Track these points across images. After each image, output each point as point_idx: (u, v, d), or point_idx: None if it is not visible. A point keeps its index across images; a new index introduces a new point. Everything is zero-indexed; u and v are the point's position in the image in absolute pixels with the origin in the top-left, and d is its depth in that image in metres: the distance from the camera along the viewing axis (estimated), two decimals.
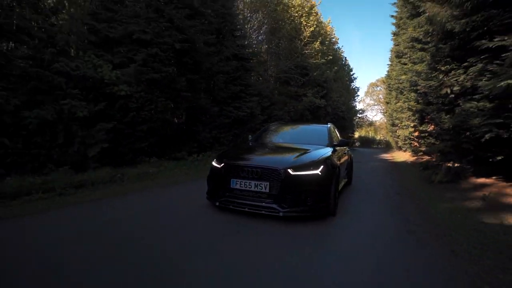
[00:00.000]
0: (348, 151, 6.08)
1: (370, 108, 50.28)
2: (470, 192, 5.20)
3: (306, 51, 15.22)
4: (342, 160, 4.88)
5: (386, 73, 20.64)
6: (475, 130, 4.76)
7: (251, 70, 12.43)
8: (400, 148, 18.55)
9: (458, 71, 5.68)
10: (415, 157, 12.66)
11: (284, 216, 3.28)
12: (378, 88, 46.41)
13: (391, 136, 23.75)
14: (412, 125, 12.29)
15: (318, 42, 15.47)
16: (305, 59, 15.12)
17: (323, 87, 17.88)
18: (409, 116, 12.52)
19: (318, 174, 3.39)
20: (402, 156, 15.45)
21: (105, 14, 7.47)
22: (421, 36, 7.56)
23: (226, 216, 3.46)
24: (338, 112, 20.88)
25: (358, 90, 39.16)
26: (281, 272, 2.13)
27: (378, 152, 22.37)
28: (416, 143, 12.32)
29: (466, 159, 5.82)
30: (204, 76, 9.48)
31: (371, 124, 47.87)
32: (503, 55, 4.14)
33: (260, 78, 14.11)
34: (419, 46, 8.03)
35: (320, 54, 16.27)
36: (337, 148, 4.62)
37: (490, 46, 4.46)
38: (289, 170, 3.31)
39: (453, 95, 6.02)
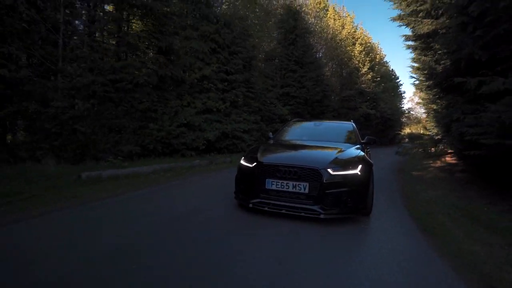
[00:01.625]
0: (369, 148, 6.06)
1: (419, 106, 55.21)
2: None
3: (362, 80, 23.94)
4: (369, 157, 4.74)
5: None
6: None
7: (330, 95, 21.58)
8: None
9: None
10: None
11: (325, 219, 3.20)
12: None
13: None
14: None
15: (370, 75, 24.05)
16: (360, 86, 23.85)
17: (373, 99, 26.19)
18: None
19: (357, 173, 3.32)
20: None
21: None
22: None
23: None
24: (385, 115, 28.73)
25: (404, 93, 45.57)
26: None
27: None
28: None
29: None
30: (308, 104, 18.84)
31: (419, 121, 52.97)
32: None
33: (333, 97, 23.18)
34: None
35: (372, 83, 24.80)
36: (365, 146, 4.56)
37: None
38: (329, 170, 3.25)
39: None
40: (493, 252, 2.84)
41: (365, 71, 24.21)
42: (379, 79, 26.82)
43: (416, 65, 11.12)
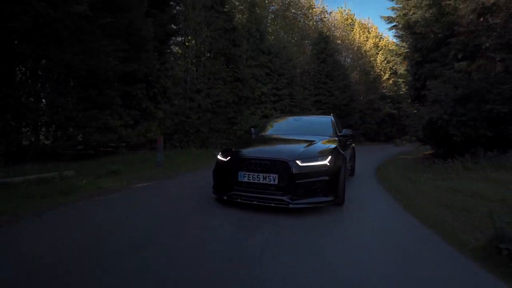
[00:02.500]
0: (351, 141, 6.23)
1: None
2: None
3: (384, 86, 28.10)
4: (347, 150, 5.01)
5: None
6: None
7: (356, 99, 26.15)
8: None
9: None
10: None
11: (293, 208, 3.32)
12: None
13: None
14: None
15: (391, 80, 28.11)
16: (382, 90, 28.01)
17: (397, 101, 30.08)
18: None
19: (326, 164, 3.45)
20: None
21: None
22: None
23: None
24: (407, 114, 32.36)
25: None
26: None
27: None
28: None
29: None
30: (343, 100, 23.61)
31: None
32: None
33: (362, 99, 27.66)
34: None
35: (394, 87, 28.83)
36: (342, 138, 4.79)
37: None
38: (297, 162, 3.37)
39: None
40: (404, 179, 6.84)
41: (386, 77, 28.32)
42: (402, 80, 30.60)
43: None
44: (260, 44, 17.93)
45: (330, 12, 29.17)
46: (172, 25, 13.12)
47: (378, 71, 28.47)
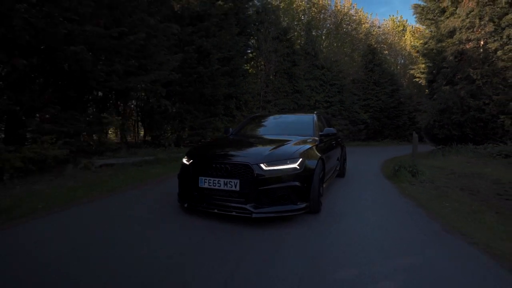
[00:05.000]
0: (340, 141, 6.02)
1: None
2: None
3: None
4: (331, 151, 4.71)
5: None
6: None
7: (405, 102, 28.46)
8: None
9: None
10: None
11: (257, 218, 3.05)
12: None
13: None
14: None
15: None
16: None
17: None
18: None
19: (296, 168, 3.15)
20: None
21: None
22: None
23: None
24: None
25: None
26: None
27: None
28: None
29: None
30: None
31: None
32: None
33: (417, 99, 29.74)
34: None
35: None
36: (324, 138, 4.43)
37: None
38: (261, 165, 3.06)
39: None
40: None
41: None
42: None
43: None
44: (315, 61, 22.19)
45: (379, 26, 31.77)
46: (250, 54, 18.41)
47: None
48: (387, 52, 29.42)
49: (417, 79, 18.82)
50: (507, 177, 5.61)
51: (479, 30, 9.93)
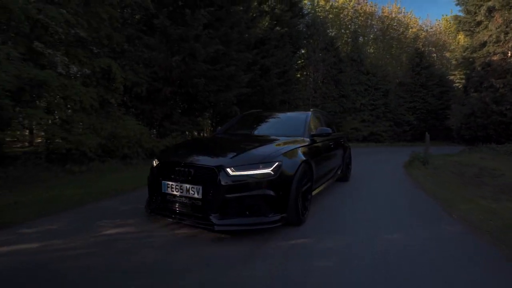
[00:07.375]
0: (343, 142, 5.62)
1: None
2: None
3: None
4: (327, 153, 4.34)
5: None
6: None
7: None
8: None
9: None
10: None
11: (220, 231, 2.71)
12: None
13: None
14: None
15: None
16: None
17: None
18: None
19: (269, 173, 2.73)
20: None
21: None
22: None
23: None
24: None
25: None
26: None
27: None
28: None
29: None
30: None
31: None
32: None
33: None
34: None
35: None
36: (317, 138, 3.99)
37: None
38: (227, 170, 2.65)
39: None
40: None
41: None
42: None
43: None
44: (360, 67, 24.07)
45: (427, 30, 31.93)
46: (300, 63, 21.23)
47: None
48: (435, 55, 29.65)
49: (457, 84, 19.72)
50: (493, 166, 7.61)
51: (505, 44, 11.33)
